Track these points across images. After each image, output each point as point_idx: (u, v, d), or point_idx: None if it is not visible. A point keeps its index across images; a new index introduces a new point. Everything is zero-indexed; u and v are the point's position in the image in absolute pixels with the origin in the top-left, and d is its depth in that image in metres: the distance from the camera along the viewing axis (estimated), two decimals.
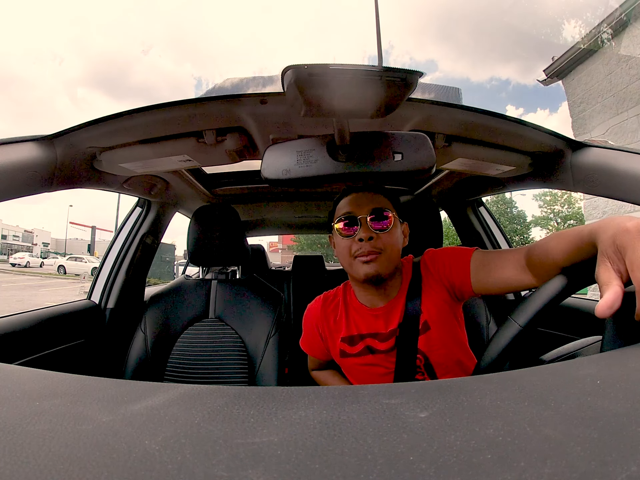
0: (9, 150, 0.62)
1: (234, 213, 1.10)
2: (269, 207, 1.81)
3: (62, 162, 0.71)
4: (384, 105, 0.46)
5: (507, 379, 0.25)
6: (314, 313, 0.85)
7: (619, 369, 0.26)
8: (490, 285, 0.68)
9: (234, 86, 0.70)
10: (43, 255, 30.95)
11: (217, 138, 0.77)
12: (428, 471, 0.15)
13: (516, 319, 0.45)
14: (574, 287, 0.45)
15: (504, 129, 0.76)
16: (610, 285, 0.34)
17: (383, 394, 0.23)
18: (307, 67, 0.38)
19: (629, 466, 0.15)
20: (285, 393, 0.24)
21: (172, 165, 0.89)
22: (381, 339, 0.74)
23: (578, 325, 1.05)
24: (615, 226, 0.37)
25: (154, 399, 0.23)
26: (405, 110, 0.71)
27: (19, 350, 0.82)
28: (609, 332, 0.37)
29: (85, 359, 1.02)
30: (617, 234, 0.36)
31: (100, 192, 0.98)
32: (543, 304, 0.44)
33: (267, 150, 0.58)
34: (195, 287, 1.09)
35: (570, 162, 0.77)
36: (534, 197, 24.20)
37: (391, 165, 0.56)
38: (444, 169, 1.07)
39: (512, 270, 0.64)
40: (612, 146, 0.70)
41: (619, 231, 0.36)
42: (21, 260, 23.81)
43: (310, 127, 0.77)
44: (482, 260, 0.70)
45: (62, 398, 0.23)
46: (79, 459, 0.16)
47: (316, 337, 0.84)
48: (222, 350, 0.99)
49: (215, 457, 0.16)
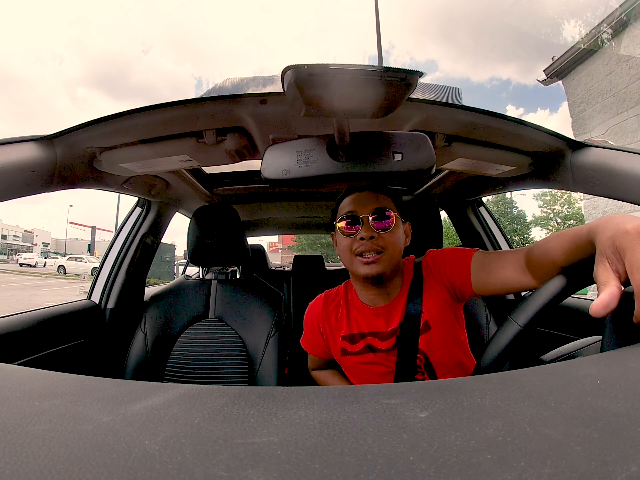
0: (9, 150, 0.62)
1: (234, 213, 1.10)
2: (269, 207, 1.81)
3: (62, 162, 0.71)
4: (384, 105, 0.46)
5: (507, 379, 0.25)
6: (315, 311, 0.86)
7: (619, 369, 0.26)
8: (490, 286, 0.69)
9: (234, 86, 0.70)
10: (44, 255, 31.05)
11: (217, 138, 0.77)
12: (428, 471, 0.15)
13: (516, 319, 0.46)
14: (574, 287, 0.45)
15: (504, 129, 0.76)
16: (607, 285, 0.34)
17: (383, 394, 0.23)
18: (307, 67, 0.38)
19: (629, 466, 0.15)
20: (285, 393, 0.24)
21: (172, 165, 0.89)
22: (382, 338, 0.75)
23: (578, 326, 1.05)
24: (615, 227, 0.37)
25: (154, 399, 0.23)
26: (405, 110, 0.71)
27: (19, 350, 0.82)
28: (608, 333, 0.37)
29: (85, 359, 1.02)
30: (617, 235, 0.36)
31: (100, 192, 0.98)
32: (543, 303, 0.44)
33: (267, 150, 0.58)
34: (195, 287, 1.09)
35: (570, 162, 0.77)
36: (534, 197, 24.22)
37: (391, 165, 0.56)
38: (444, 169, 1.07)
39: (512, 271, 0.65)
40: (612, 146, 0.70)
41: (618, 232, 0.36)
42: (30, 261, 24.06)
43: (310, 127, 0.77)
44: (483, 261, 0.70)
45: (62, 398, 0.23)
46: (79, 459, 0.16)
47: (317, 336, 0.85)
48: (222, 350, 0.99)
49: (215, 457, 0.16)
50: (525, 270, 0.63)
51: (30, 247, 41.82)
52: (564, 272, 0.47)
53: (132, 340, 1.01)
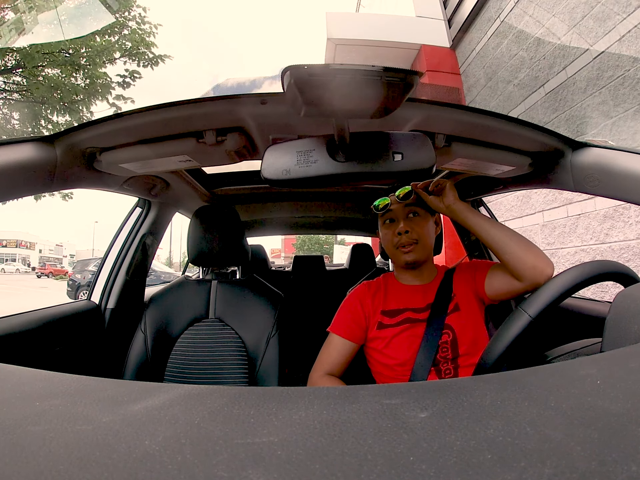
0: (9, 150, 0.62)
1: (234, 213, 1.10)
2: (269, 208, 1.81)
3: (62, 163, 0.71)
4: (384, 106, 0.46)
5: (507, 379, 0.25)
6: (360, 294, 0.94)
7: (619, 369, 0.26)
8: (493, 293, 0.82)
9: (235, 86, 0.70)
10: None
11: (217, 138, 0.76)
12: (428, 471, 0.15)
13: (526, 309, 0.45)
14: (587, 280, 0.45)
15: (504, 129, 0.76)
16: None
17: (383, 394, 0.23)
18: (307, 67, 0.38)
19: (629, 466, 0.15)
20: (285, 393, 0.24)
21: (172, 166, 0.88)
22: (418, 311, 0.85)
23: (578, 326, 1.05)
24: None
25: (154, 400, 0.23)
26: (405, 110, 0.71)
27: (19, 350, 0.82)
28: (608, 333, 0.37)
29: (85, 359, 1.02)
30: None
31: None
32: (557, 294, 0.44)
33: (267, 151, 0.58)
34: (196, 288, 1.09)
35: (570, 162, 0.77)
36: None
37: (391, 166, 0.56)
38: (444, 169, 1.07)
39: (504, 277, 0.78)
40: (612, 146, 0.70)
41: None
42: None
43: (310, 127, 0.77)
44: (493, 270, 0.83)
45: (62, 398, 0.23)
46: (79, 459, 0.16)
47: (358, 314, 0.90)
48: (222, 351, 0.99)
49: (215, 457, 0.16)
50: (512, 276, 0.75)
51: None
52: (577, 265, 0.47)
53: (132, 340, 1.00)
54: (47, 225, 69.73)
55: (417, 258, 0.85)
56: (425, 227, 0.87)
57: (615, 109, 2.31)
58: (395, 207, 0.88)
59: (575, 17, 2.63)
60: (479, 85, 3.86)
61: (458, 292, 0.86)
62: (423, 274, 0.91)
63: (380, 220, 0.93)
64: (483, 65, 3.80)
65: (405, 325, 0.84)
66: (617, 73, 2.28)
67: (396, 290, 0.91)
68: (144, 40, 5.34)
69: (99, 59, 5.03)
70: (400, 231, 0.85)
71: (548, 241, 2.85)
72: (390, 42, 4.18)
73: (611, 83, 2.33)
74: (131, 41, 5.27)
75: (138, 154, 0.79)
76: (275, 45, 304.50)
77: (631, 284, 0.49)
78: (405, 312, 0.86)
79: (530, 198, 3.04)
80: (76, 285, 8.28)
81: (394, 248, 0.87)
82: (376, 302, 0.91)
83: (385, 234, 0.91)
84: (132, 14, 5.35)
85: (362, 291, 0.94)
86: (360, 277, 1.16)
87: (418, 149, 0.57)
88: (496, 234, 0.76)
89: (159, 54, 5.48)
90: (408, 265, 0.87)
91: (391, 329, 0.85)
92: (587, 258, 2.47)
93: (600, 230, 2.37)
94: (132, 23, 5.34)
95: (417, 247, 0.85)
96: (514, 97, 3.35)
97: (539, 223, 2.95)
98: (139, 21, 5.38)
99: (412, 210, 0.88)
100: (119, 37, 5.26)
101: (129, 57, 5.34)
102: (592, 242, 2.45)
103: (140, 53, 5.33)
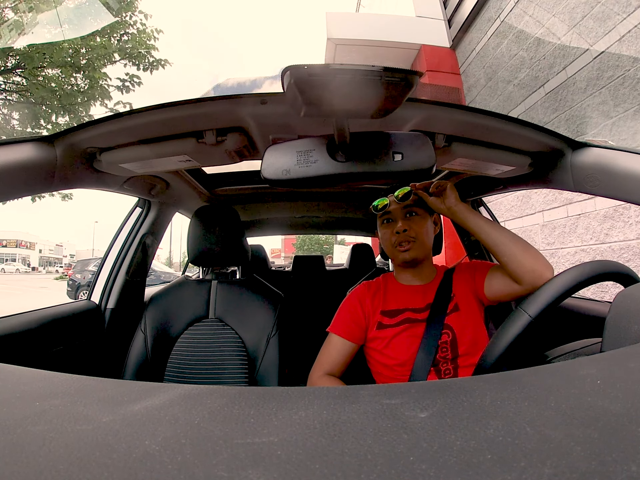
0: (9, 150, 0.62)
1: (234, 213, 1.09)
2: (269, 208, 1.81)
3: (62, 163, 0.71)
4: (384, 106, 0.46)
5: (507, 379, 0.25)
6: (359, 294, 0.94)
7: (619, 369, 0.26)
8: (492, 295, 0.82)
9: (235, 86, 0.70)
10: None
11: (217, 138, 0.76)
12: (428, 471, 0.15)
13: (526, 309, 0.45)
14: (587, 280, 0.45)
15: (504, 129, 0.76)
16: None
17: (383, 394, 0.23)
18: (307, 67, 0.38)
19: (629, 466, 0.14)
20: (285, 393, 0.24)
21: (172, 166, 0.88)
22: (418, 311, 0.86)
23: (578, 326, 1.05)
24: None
25: (154, 399, 0.23)
26: (405, 110, 0.71)
27: (19, 350, 0.82)
28: (608, 333, 0.37)
29: (85, 359, 1.02)
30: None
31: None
32: (557, 294, 0.44)
33: (267, 151, 0.58)
34: (196, 288, 1.09)
35: (570, 162, 0.77)
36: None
37: (391, 166, 0.56)
38: (444, 169, 1.07)
39: (503, 280, 0.78)
40: (612, 146, 0.70)
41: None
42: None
43: (310, 127, 0.77)
44: (492, 272, 0.83)
45: (62, 398, 0.23)
46: (79, 459, 0.16)
47: (358, 314, 0.90)
48: (222, 351, 0.99)
49: (215, 457, 0.16)
50: (511, 279, 0.75)
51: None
52: (577, 265, 0.47)
53: (132, 340, 1.00)
54: (47, 225, 70.05)
55: (415, 256, 0.86)
56: (424, 226, 0.88)
57: (615, 109, 2.31)
58: (394, 207, 0.88)
59: (575, 17, 2.63)
60: (479, 85, 3.87)
61: (458, 292, 0.86)
62: (422, 273, 0.91)
63: (379, 221, 0.94)
64: (483, 65, 3.81)
65: (404, 326, 0.85)
66: (617, 73, 2.28)
67: (396, 291, 0.92)
68: (144, 43, 5.35)
69: (98, 62, 5.03)
70: (398, 230, 0.86)
71: (548, 241, 2.85)
72: (390, 42, 4.19)
73: (611, 83, 2.33)
74: (131, 42, 5.27)
75: (138, 154, 0.79)
76: (276, 45, 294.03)
77: (631, 284, 0.49)
78: (404, 312, 0.86)
79: (530, 198, 3.04)
80: (76, 285, 8.30)
81: (392, 247, 0.88)
82: (376, 302, 0.91)
83: (383, 233, 0.91)
84: (134, 19, 5.35)
85: (362, 291, 0.94)
86: (360, 277, 1.16)
87: (418, 149, 0.57)
88: (496, 236, 0.76)
89: (159, 58, 5.49)
90: (406, 264, 0.88)
91: (391, 329, 0.85)
92: (587, 258, 2.47)
93: (600, 230, 2.37)
94: (132, 29, 5.35)
95: (414, 245, 0.86)
96: (514, 97, 3.35)
97: (539, 223, 2.95)
98: (140, 27, 5.39)
99: (411, 210, 0.88)
100: (119, 39, 5.26)
101: (129, 59, 5.35)
102: (592, 242, 2.45)
103: (141, 56, 5.33)
